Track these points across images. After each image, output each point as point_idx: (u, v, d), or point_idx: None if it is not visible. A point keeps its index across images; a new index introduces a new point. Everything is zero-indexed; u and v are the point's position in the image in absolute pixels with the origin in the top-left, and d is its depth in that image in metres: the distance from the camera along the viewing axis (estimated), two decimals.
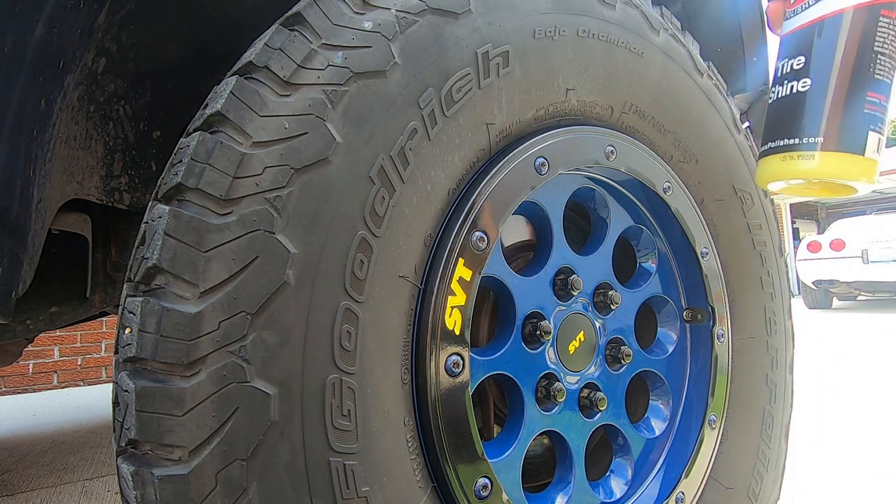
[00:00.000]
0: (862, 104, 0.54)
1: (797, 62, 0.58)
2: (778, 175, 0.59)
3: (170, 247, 0.49)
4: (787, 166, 0.58)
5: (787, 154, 0.58)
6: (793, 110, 0.58)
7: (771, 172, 0.60)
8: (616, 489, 0.87)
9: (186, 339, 0.48)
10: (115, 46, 0.87)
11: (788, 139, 0.58)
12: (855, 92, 0.54)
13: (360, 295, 0.56)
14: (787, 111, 0.58)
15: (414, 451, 0.61)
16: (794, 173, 0.58)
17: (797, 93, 0.57)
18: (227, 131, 0.52)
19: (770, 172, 0.60)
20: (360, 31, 0.59)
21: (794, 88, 0.58)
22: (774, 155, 0.59)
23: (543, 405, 0.78)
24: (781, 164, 0.58)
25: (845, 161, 0.55)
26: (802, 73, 0.57)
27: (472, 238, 0.66)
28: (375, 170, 0.58)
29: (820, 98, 0.56)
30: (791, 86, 0.58)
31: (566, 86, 0.77)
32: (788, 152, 0.57)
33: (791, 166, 0.57)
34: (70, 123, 0.82)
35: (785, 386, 1.04)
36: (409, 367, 0.61)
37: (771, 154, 0.60)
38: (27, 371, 3.90)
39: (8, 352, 2.01)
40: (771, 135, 0.60)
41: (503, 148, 0.72)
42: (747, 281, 1.01)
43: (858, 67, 0.54)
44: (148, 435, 0.47)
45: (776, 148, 0.59)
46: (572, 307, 0.83)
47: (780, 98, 0.60)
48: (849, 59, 0.55)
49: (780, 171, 0.59)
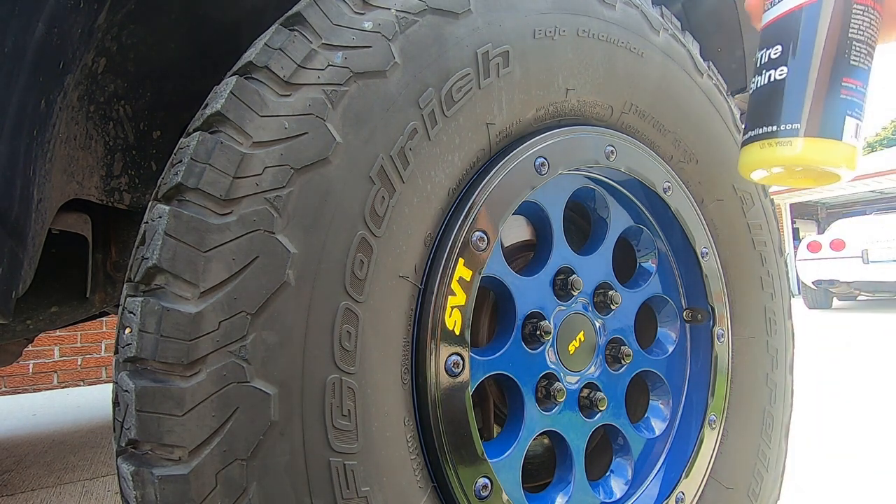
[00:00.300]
0: (838, 90, 0.55)
1: (774, 51, 0.59)
2: (758, 163, 0.59)
3: (170, 247, 0.49)
4: (767, 154, 0.58)
5: (767, 141, 0.58)
6: (771, 98, 0.58)
7: (751, 161, 0.60)
8: (616, 489, 0.87)
9: (186, 339, 0.48)
10: (115, 46, 0.87)
11: (768, 127, 0.58)
12: (831, 78, 0.55)
13: (360, 295, 0.56)
14: (765, 100, 0.59)
15: (414, 451, 0.61)
16: (774, 160, 0.58)
17: (775, 81, 0.58)
18: (227, 131, 0.52)
19: (751, 161, 0.60)
20: (360, 31, 0.59)
21: (772, 77, 0.58)
22: (754, 143, 0.59)
23: (543, 405, 0.78)
24: (761, 151, 0.58)
25: (824, 146, 0.55)
26: (779, 61, 0.58)
27: (472, 238, 0.66)
28: (375, 170, 0.58)
29: (797, 85, 0.56)
30: (769, 75, 0.59)
31: (566, 86, 0.77)
32: (768, 139, 0.58)
33: (771, 153, 0.58)
34: (70, 123, 0.82)
35: (785, 386, 1.04)
36: (409, 367, 0.61)
37: (751, 142, 0.60)
38: (27, 371, 3.90)
39: (8, 352, 2.01)
40: (751, 124, 0.61)
41: (503, 148, 0.72)
42: (747, 281, 1.01)
43: (834, 54, 0.55)
44: (148, 435, 0.47)
45: (756, 136, 0.59)
46: (572, 307, 0.83)
47: (760, 87, 0.60)
48: (824, 46, 0.55)
49: (761, 159, 0.59)
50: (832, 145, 0.55)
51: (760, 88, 0.60)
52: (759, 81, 0.60)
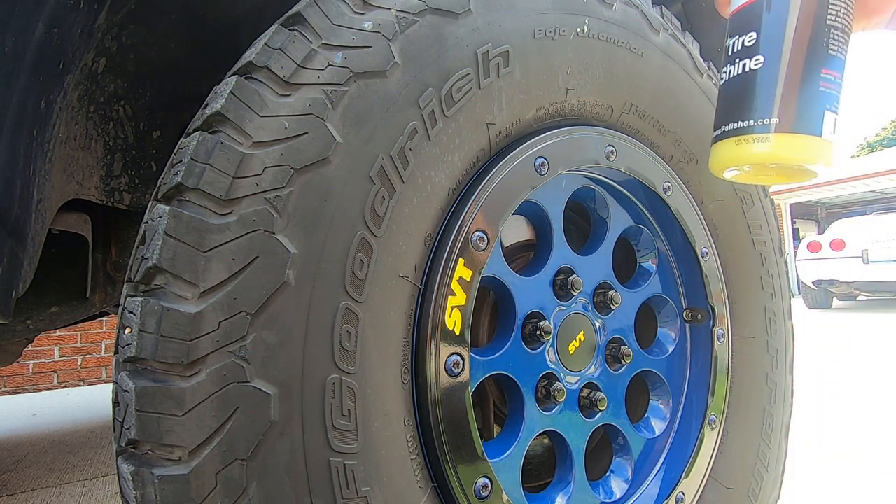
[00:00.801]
0: (817, 82, 0.51)
1: (748, 38, 0.54)
2: (732, 161, 0.55)
3: (170, 247, 0.49)
4: (742, 151, 0.54)
5: (741, 137, 0.54)
6: (745, 90, 0.54)
7: (724, 158, 0.56)
8: (616, 489, 0.87)
9: (186, 339, 0.48)
10: (115, 46, 0.87)
11: (742, 121, 0.54)
12: (810, 69, 0.51)
13: (360, 295, 0.56)
14: (738, 91, 0.55)
15: (414, 451, 0.61)
16: (749, 158, 0.54)
17: (749, 71, 0.54)
18: (227, 131, 0.52)
19: (723, 158, 0.56)
20: (360, 31, 0.59)
21: (746, 66, 0.54)
22: (728, 139, 0.55)
23: (543, 405, 0.78)
24: (736, 148, 0.54)
25: (803, 143, 0.52)
26: (754, 49, 0.53)
27: (472, 238, 0.66)
28: (375, 170, 0.58)
29: (773, 76, 0.52)
30: (743, 64, 0.54)
31: (566, 86, 0.77)
32: (743, 135, 0.54)
33: (745, 151, 0.54)
34: (70, 123, 0.82)
35: (785, 386, 1.04)
36: (409, 367, 0.61)
37: (724, 138, 0.55)
38: (27, 371, 3.90)
39: (8, 352, 2.01)
40: (723, 118, 0.56)
41: (503, 148, 0.72)
42: (747, 281, 1.01)
43: (812, 42, 0.51)
44: (148, 435, 0.47)
45: (730, 132, 0.55)
46: (572, 307, 0.83)
47: (732, 78, 0.55)
48: (802, 33, 0.51)
49: (735, 157, 0.55)
50: (812, 142, 0.52)
51: (733, 80, 0.56)
52: (732, 71, 0.56)
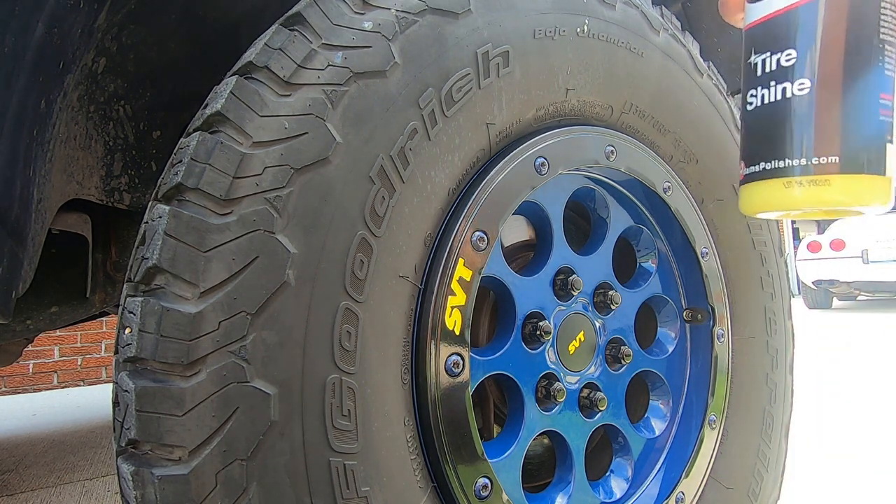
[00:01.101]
0: (877, 109, 0.42)
1: (786, 57, 0.44)
2: (781, 205, 0.46)
3: (170, 247, 0.49)
4: (794, 195, 0.44)
5: (792, 179, 0.44)
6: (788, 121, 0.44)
7: (768, 201, 0.46)
8: (616, 489, 0.87)
9: (186, 339, 0.48)
10: (115, 46, 0.87)
11: (790, 160, 0.44)
12: (868, 94, 0.42)
13: (360, 295, 0.56)
14: (778, 122, 0.45)
15: (414, 451, 0.61)
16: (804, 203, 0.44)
17: (792, 97, 0.44)
18: (227, 131, 0.52)
19: (766, 201, 0.46)
20: (360, 31, 0.59)
21: (786, 91, 0.44)
22: (770, 180, 0.45)
23: (543, 405, 0.78)
24: (785, 192, 0.44)
25: (868, 185, 0.43)
26: (796, 71, 0.44)
27: (472, 238, 0.66)
28: (375, 170, 0.58)
29: (826, 104, 0.43)
30: (782, 88, 0.45)
31: (566, 86, 0.77)
32: (794, 177, 0.44)
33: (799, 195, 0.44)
34: (70, 123, 0.82)
35: (785, 386, 1.04)
36: (409, 367, 0.61)
37: (765, 178, 0.46)
38: (27, 371, 3.90)
39: (8, 352, 2.01)
40: (759, 153, 0.46)
41: (503, 148, 0.72)
42: (747, 281, 1.01)
43: (866, 62, 0.42)
44: (148, 435, 0.47)
45: (774, 171, 0.45)
46: (572, 307, 0.83)
47: (767, 105, 0.46)
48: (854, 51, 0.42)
49: (784, 201, 0.45)
50: (876, 182, 0.43)
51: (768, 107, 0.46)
52: (765, 97, 0.46)
